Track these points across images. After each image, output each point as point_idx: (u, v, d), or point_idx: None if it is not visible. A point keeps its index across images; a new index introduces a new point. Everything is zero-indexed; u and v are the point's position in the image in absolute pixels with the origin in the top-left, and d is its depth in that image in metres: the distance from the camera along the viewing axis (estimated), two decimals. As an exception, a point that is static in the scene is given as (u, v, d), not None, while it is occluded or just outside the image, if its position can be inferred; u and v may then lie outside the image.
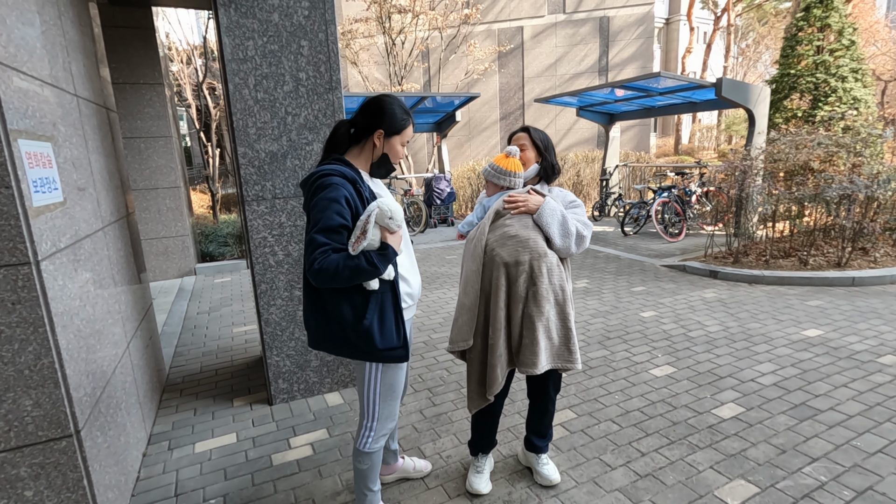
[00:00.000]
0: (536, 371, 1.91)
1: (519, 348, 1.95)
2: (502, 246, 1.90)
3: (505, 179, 2.04)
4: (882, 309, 4.27)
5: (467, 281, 1.98)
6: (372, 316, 1.62)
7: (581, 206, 2.09)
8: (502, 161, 2.04)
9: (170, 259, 6.42)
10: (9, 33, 1.62)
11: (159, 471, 2.44)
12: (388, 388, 1.80)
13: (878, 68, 17.05)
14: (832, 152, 5.83)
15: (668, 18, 24.18)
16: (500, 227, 1.95)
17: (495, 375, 1.95)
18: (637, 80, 7.20)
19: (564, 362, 1.99)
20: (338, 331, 1.66)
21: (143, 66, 5.82)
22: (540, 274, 1.88)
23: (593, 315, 4.46)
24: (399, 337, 1.68)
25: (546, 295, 1.90)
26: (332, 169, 1.61)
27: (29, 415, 1.65)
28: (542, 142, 2.12)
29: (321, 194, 1.55)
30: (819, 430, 2.54)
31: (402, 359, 1.71)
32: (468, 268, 1.99)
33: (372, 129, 1.71)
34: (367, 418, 1.82)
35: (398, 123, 1.72)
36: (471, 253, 1.99)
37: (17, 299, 1.58)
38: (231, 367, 3.64)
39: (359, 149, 1.75)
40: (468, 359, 2.07)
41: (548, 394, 2.15)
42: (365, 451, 1.83)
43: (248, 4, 2.62)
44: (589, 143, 15.85)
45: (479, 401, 2.05)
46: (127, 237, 2.89)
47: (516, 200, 1.97)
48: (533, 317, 1.90)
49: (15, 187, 1.53)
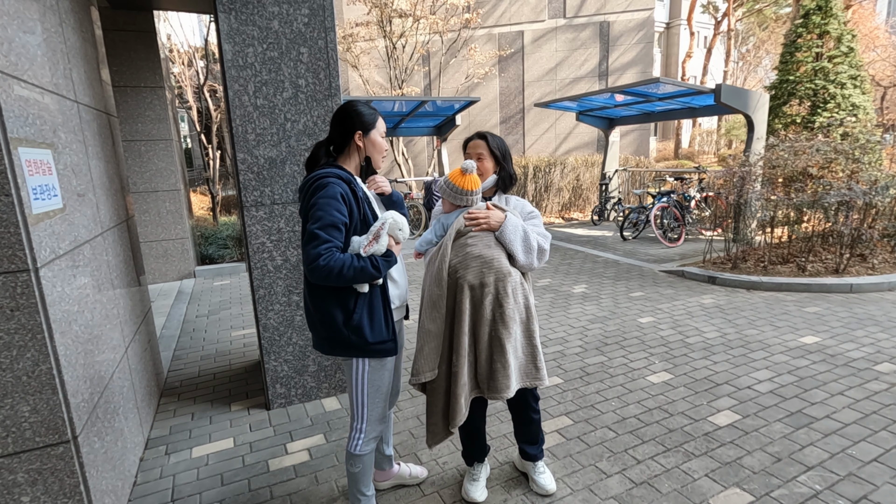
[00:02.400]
0: (509, 395, 1.85)
1: (490, 373, 1.86)
2: (466, 267, 1.83)
3: (462, 198, 1.92)
4: (879, 316, 4.28)
5: (433, 305, 1.86)
6: (361, 311, 1.71)
7: (538, 216, 2.05)
8: (458, 179, 1.91)
9: (169, 262, 6.43)
10: (10, 42, 1.64)
11: (156, 475, 2.45)
12: (376, 389, 1.84)
13: (877, 74, 17.10)
14: (831, 159, 5.84)
15: (669, 23, 24.24)
16: (462, 247, 1.87)
17: (459, 406, 1.84)
18: (636, 86, 7.21)
19: (532, 380, 1.95)
20: (327, 332, 1.74)
21: (144, 69, 5.84)
22: (506, 295, 1.83)
23: (591, 320, 4.47)
24: (388, 331, 1.77)
25: (513, 315, 1.86)
26: (328, 171, 1.70)
27: (27, 421, 1.66)
28: (500, 150, 2.03)
29: (319, 193, 1.63)
30: (815, 439, 2.54)
31: (392, 352, 1.81)
32: (432, 291, 1.86)
33: (351, 134, 1.79)
34: (356, 419, 1.87)
35: (369, 118, 1.81)
36: (434, 276, 1.87)
37: (16, 306, 1.59)
38: (229, 372, 3.65)
39: (345, 156, 1.83)
40: (430, 389, 1.95)
41: (528, 404, 2.12)
42: (356, 454, 1.86)
43: (249, 12, 2.64)
44: (589, 146, 15.88)
45: (443, 434, 1.93)
46: (126, 241, 2.90)
47: (477, 218, 1.88)
48: (502, 339, 1.84)
49: (15, 195, 1.54)
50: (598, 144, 15.52)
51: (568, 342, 3.98)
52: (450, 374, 1.89)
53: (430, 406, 1.96)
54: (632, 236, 8.39)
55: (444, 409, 1.92)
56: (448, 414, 1.90)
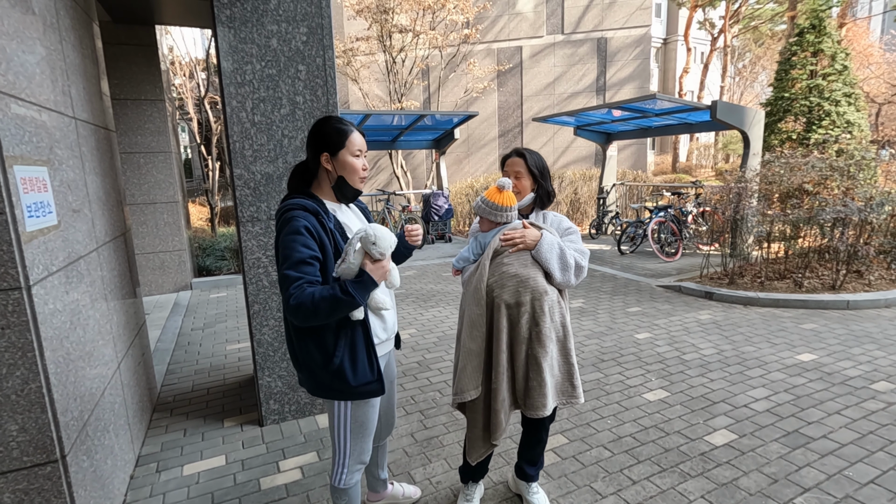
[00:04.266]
0: (545, 413, 1.88)
1: (526, 391, 1.90)
2: (502, 287, 1.84)
3: (499, 215, 1.93)
4: (876, 334, 4.27)
5: (472, 325, 1.87)
6: (342, 353, 1.59)
7: (577, 231, 2.04)
8: (495, 196, 1.92)
9: (166, 273, 6.41)
10: (9, 61, 1.65)
11: (146, 494, 2.41)
12: (360, 426, 1.74)
13: (871, 91, 17.29)
14: (826, 175, 5.88)
15: (666, 39, 24.54)
16: (498, 266, 1.88)
17: (499, 421, 1.89)
18: (634, 102, 7.29)
19: (569, 398, 1.97)
20: (307, 376, 1.66)
21: (145, 82, 5.89)
22: (542, 313, 1.84)
23: (588, 336, 4.46)
24: (373, 371, 1.65)
25: (549, 334, 1.87)
26: (293, 203, 1.59)
27: (14, 440, 1.64)
28: (538, 168, 2.01)
29: (285, 229, 1.53)
30: (811, 459, 2.52)
31: (378, 392, 1.68)
32: (472, 311, 1.88)
33: (318, 155, 1.67)
34: (338, 455, 1.77)
35: (336, 137, 1.65)
36: (472, 296, 1.89)
37: (7, 324, 1.59)
38: (223, 387, 3.62)
39: (317, 181, 1.72)
40: (469, 407, 1.98)
41: (545, 425, 2.12)
42: (341, 488, 1.78)
43: (248, 29, 2.67)
44: (587, 160, 15.97)
45: (485, 448, 1.98)
46: (122, 255, 2.90)
47: (513, 238, 1.88)
48: (538, 358, 1.86)
49: (9, 213, 1.54)
50: (596, 158, 15.62)
51: (564, 358, 3.96)
52: (489, 391, 1.92)
53: (471, 422, 2.00)
54: (629, 250, 8.40)
55: (484, 424, 1.97)
56: (489, 428, 1.94)
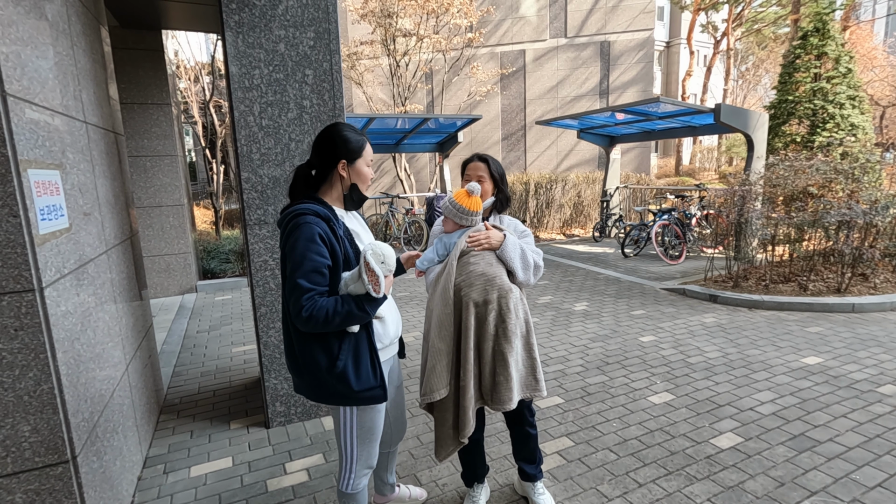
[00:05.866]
0: (511, 406, 1.93)
1: (493, 386, 1.94)
2: (470, 286, 1.90)
3: (466, 219, 2.00)
4: (882, 336, 4.26)
5: (441, 325, 1.92)
6: (346, 357, 1.59)
7: (530, 234, 2.17)
8: (464, 200, 1.98)
9: (171, 276, 6.45)
10: (23, 67, 1.68)
11: (154, 495, 2.43)
12: (366, 431, 1.74)
13: (876, 93, 17.25)
14: (831, 178, 5.87)
15: (669, 42, 24.56)
16: (465, 266, 1.94)
17: (468, 418, 1.92)
18: (637, 105, 7.30)
19: (532, 391, 2.02)
20: (308, 381, 1.65)
21: (152, 86, 5.94)
22: (508, 310, 1.91)
23: (592, 339, 4.46)
24: (376, 376, 1.65)
25: (515, 330, 1.94)
26: (305, 208, 1.58)
27: (27, 440, 1.66)
28: (498, 174, 2.13)
29: (296, 234, 1.52)
30: (818, 463, 2.52)
31: (381, 399, 1.68)
32: (440, 311, 1.92)
33: (334, 162, 1.66)
34: (345, 460, 1.77)
35: (356, 146, 1.67)
36: (440, 296, 1.93)
37: (20, 325, 1.61)
38: (229, 389, 3.64)
39: (328, 185, 1.71)
40: (438, 406, 2.00)
41: (525, 418, 2.17)
42: (349, 493, 1.79)
43: (256, 35, 2.70)
44: (590, 163, 15.98)
45: (454, 445, 1.99)
46: (130, 258, 2.93)
47: (478, 240, 1.96)
48: (505, 353, 1.92)
49: (23, 216, 1.57)
50: (600, 161, 15.62)
51: (569, 361, 3.97)
52: (458, 388, 1.96)
53: (439, 421, 2.01)
54: (633, 253, 8.39)
55: (453, 422, 1.98)
56: (458, 425, 1.97)
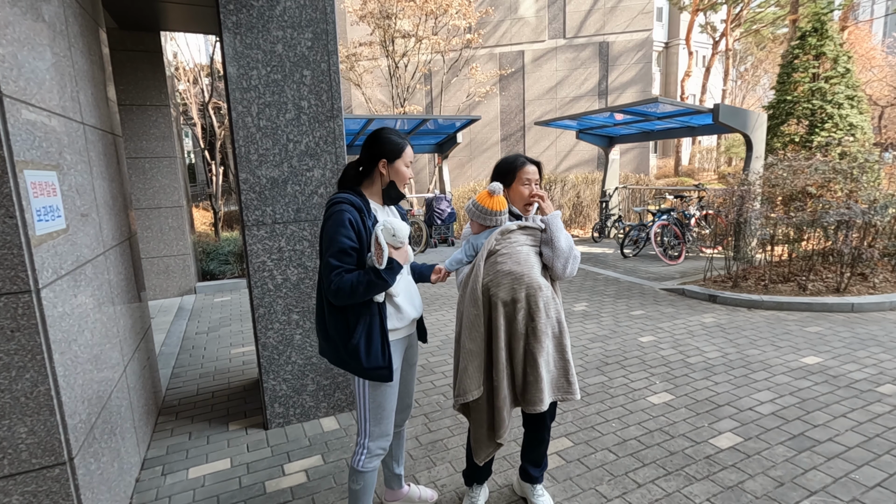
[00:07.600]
0: (543, 408, 1.92)
1: (524, 386, 1.94)
2: (498, 285, 1.91)
3: (490, 219, 2.01)
4: (882, 336, 4.25)
5: (472, 326, 1.92)
6: (359, 336, 1.78)
7: None
8: (486, 201, 2.00)
9: (170, 278, 6.44)
10: (20, 67, 1.68)
11: (152, 497, 2.42)
12: (377, 407, 1.89)
13: (874, 93, 17.27)
14: (829, 178, 5.87)
15: (668, 42, 24.58)
16: (492, 265, 1.94)
17: (502, 418, 1.93)
18: (636, 105, 7.30)
19: (564, 394, 2.01)
20: (332, 347, 1.85)
21: (151, 88, 5.94)
22: (537, 309, 1.91)
23: (592, 339, 4.45)
24: (384, 358, 1.81)
25: (545, 329, 1.92)
26: (342, 197, 1.81)
27: (23, 442, 1.65)
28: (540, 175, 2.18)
29: (332, 219, 1.75)
30: (817, 462, 2.51)
31: (387, 378, 1.83)
32: (470, 312, 1.93)
33: (376, 160, 1.88)
34: (359, 434, 1.93)
35: (396, 148, 1.88)
36: (469, 297, 1.94)
37: (17, 327, 1.60)
38: (228, 390, 3.63)
39: (370, 181, 1.92)
40: (473, 407, 2.00)
41: (545, 423, 2.15)
42: (359, 470, 1.89)
43: (254, 35, 2.70)
44: (589, 164, 15.99)
45: (490, 447, 2.00)
46: (128, 259, 2.92)
47: (539, 193, 2.04)
48: (535, 353, 1.91)
49: (19, 217, 1.56)
50: (599, 162, 15.63)
51: (568, 361, 3.96)
52: (491, 389, 1.97)
53: (475, 423, 2.02)
54: (632, 254, 8.39)
55: (489, 423, 1.99)
56: (493, 426, 1.98)
